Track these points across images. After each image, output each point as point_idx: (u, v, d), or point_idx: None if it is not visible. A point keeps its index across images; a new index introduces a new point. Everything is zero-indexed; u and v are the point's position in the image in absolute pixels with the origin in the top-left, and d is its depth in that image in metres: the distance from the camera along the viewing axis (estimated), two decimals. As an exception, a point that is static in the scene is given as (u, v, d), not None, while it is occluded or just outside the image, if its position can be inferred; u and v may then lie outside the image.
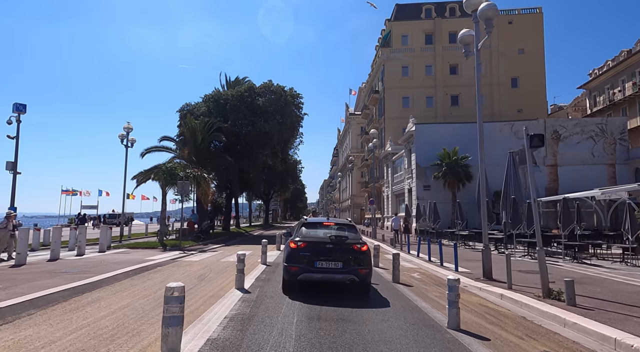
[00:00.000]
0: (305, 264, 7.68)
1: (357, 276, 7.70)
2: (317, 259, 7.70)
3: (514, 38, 43.86)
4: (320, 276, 7.68)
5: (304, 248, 7.85)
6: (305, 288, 8.06)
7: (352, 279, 7.68)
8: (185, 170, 18.55)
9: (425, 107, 44.00)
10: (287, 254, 8.01)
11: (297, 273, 7.68)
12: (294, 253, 7.86)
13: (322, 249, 7.84)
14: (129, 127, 26.97)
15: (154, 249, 16.41)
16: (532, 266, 12.74)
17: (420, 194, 30.65)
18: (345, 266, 7.72)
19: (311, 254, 7.76)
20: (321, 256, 7.74)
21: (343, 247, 7.93)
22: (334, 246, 7.89)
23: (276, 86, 30.97)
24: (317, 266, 7.67)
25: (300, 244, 7.91)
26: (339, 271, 7.70)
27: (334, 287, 8.42)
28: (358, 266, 7.79)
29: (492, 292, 8.52)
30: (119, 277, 8.97)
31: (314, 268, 7.66)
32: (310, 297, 7.48)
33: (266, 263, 12.32)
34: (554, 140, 29.81)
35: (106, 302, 6.58)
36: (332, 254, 7.78)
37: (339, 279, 7.73)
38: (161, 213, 18.20)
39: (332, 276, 7.70)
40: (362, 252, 8.00)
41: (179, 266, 11.53)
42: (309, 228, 8.65)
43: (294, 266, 7.74)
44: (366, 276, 7.90)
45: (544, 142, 8.13)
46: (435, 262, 13.92)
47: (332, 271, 7.70)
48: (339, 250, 7.86)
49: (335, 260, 7.74)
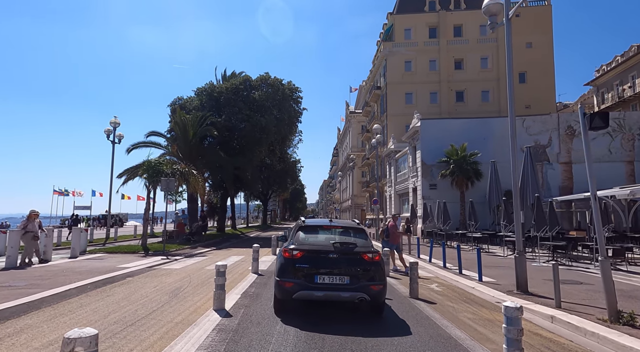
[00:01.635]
0: (302, 279, 5.98)
1: (369, 293, 5.98)
2: (318, 272, 6.02)
3: (521, 31, 42.01)
4: (322, 295, 5.93)
5: (300, 258, 6.09)
6: (303, 309, 6.39)
7: (362, 298, 5.97)
8: (172, 166, 16.79)
9: (429, 103, 42.25)
10: (280, 265, 6.24)
11: (292, 290, 5.93)
12: (289, 265, 6.09)
13: (324, 260, 6.12)
14: (115, 121, 25.25)
15: (134, 254, 14.65)
16: (565, 274, 11.01)
17: (425, 193, 28.93)
18: (353, 282, 6.00)
19: (310, 266, 6.05)
20: (323, 268, 6.05)
21: (350, 257, 6.20)
22: (339, 255, 6.15)
23: (273, 79, 29.19)
24: (318, 281, 5.98)
25: (296, 254, 6.13)
26: (345, 288, 5.98)
27: (339, 307, 6.68)
28: (369, 282, 6.06)
29: (537, 312, 6.77)
30: (71, 294, 7.21)
31: (313, 284, 5.96)
32: (308, 321, 5.84)
33: (258, 272, 10.56)
34: (568, 136, 28.09)
35: (25, 338, 4.81)
36: (336, 267, 6.08)
37: (346, 298, 5.99)
38: (144, 213, 16.43)
39: (337, 293, 5.95)
40: (375, 263, 6.25)
41: (154, 276, 9.76)
42: (308, 233, 6.75)
43: (288, 282, 5.99)
44: (380, 294, 6.17)
45: (608, 122, 6.39)
46: (452, 269, 12.18)
47: (336, 287, 5.97)
48: (345, 261, 6.14)
49: (341, 274, 6.03)
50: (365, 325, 5.70)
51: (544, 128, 28.25)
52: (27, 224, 11.56)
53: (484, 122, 29.91)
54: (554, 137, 28.11)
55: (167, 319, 5.77)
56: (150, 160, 16.59)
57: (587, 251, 16.60)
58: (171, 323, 5.55)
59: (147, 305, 6.56)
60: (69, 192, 65.83)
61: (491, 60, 42.88)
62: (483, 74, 42.61)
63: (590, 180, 6.67)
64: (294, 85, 30.09)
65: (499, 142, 28.23)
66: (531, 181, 18.33)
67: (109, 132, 25.29)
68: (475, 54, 42.99)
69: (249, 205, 52.03)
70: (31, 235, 11.36)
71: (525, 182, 18.45)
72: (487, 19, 9.72)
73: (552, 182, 27.62)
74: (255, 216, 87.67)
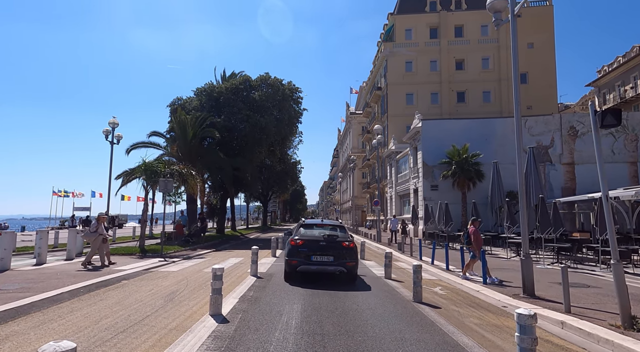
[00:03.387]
0: (303, 258, 9.11)
1: (345, 267, 9.16)
2: (313, 254, 9.14)
3: (523, 32, 41.78)
4: (315, 268, 9.10)
5: (302, 245, 9.24)
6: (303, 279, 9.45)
7: (341, 271, 9.16)
8: (170, 166, 16.54)
9: (430, 104, 42.03)
10: (289, 249, 9.47)
11: (296, 266, 9.10)
12: (294, 249, 9.28)
13: (317, 246, 9.21)
14: (114, 122, 25.04)
15: (131, 255, 14.39)
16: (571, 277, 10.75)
17: (427, 194, 28.66)
18: (335, 260, 9.14)
19: (308, 249, 9.17)
20: (316, 251, 9.15)
21: (334, 244, 9.30)
22: (327, 243, 9.28)
23: (273, 79, 28.93)
24: (313, 259, 9.13)
25: (299, 242, 9.31)
26: (330, 264, 9.13)
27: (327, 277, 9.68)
28: (346, 260, 9.18)
29: (546, 317, 6.52)
30: (63, 298, 6.95)
31: (310, 261, 9.10)
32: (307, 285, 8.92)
33: (257, 274, 10.30)
34: (571, 137, 27.84)
35: (9, 347, 4.56)
36: (325, 250, 9.18)
37: (331, 270, 9.17)
38: (142, 215, 16.17)
39: (325, 267, 9.13)
40: (350, 248, 9.37)
41: (150, 279, 9.49)
42: (307, 228, 10.01)
43: (294, 260, 9.18)
44: (353, 268, 9.37)
45: (621, 119, 6.16)
46: (455, 271, 11.93)
47: (325, 263, 9.12)
48: (330, 246, 9.24)
49: (328, 255, 9.15)
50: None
51: (546, 129, 28.00)
52: (98, 226, 11.91)
53: (485, 122, 29.67)
54: (557, 138, 27.86)
55: (160, 325, 5.51)
56: (148, 161, 16.32)
57: (591, 253, 16.37)
58: (165, 329, 5.29)
59: (140, 310, 6.31)
60: (69, 193, 65.73)
61: (492, 61, 42.67)
62: (484, 75, 42.40)
63: (602, 180, 6.44)
64: (294, 86, 29.84)
65: (500, 142, 28.00)
66: (534, 182, 18.08)
67: (108, 133, 25.06)
68: (476, 54, 42.77)
69: (249, 206, 51.74)
70: (101, 237, 11.72)
71: (528, 183, 18.19)
72: (488, 19, 9.55)
73: (554, 183, 27.37)
74: (256, 217, 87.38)
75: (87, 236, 12.08)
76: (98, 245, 11.69)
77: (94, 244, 11.71)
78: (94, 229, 11.91)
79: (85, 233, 12.36)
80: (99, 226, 11.99)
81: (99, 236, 11.73)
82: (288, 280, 9.27)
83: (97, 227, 11.92)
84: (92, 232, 11.84)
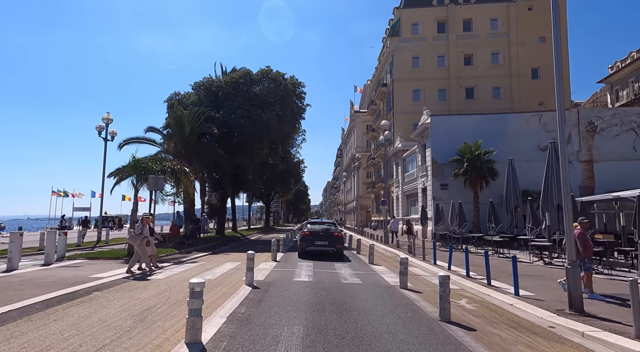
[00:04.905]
0: (309, 243, 15.23)
1: (335, 248, 15.37)
2: (316, 239, 15.28)
3: (534, 25, 40.37)
4: (317, 248, 15.25)
5: (309, 235, 15.45)
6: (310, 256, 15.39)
7: (333, 250, 15.35)
8: (162, 163, 15.25)
9: (437, 101, 40.52)
10: (300, 238, 15.90)
11: (305, 247, 15.27)
12: (304, 237, 15.52)
13: (318, 235, 15.43)
14: (108, 117, 23.82)
15: (117, 259, 13.08)
16: (610, 286, 9.36)
17: (436, 193, 27.24)
18: (329, 243, 15.27)
19: (312, 237, 15.34)
20: (317, 238, 15.30)
21: (328, 234, 15.58)
22: (324, 233, 15.58)
23: (275, 73, 27.56)
24: (316, 243, 15.19)
25: (307, 232, 15.64)
26: (326, 246, 15.25)
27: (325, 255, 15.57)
28: (336, 243, 15.38)
29: (614, 345, 5.13)
30: (8, 317, 5.60)
31: (314, 244, 15.20)
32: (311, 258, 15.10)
33: (253, 284, 8.95)
34: (589, 133, 26.33)
35: None
36: (323, 237, 15.37)
37: (327, 250, 15.38)
38: (131, 215, 14.88)
39: (323, 248, 15.28)
40: (339, 237, 15.67)
41: (127, 290, 8.14)
42: (312, 224, 16.93)
43: (304, 244, 15.32)
44: (341, 249, 15.61)
45: None
46: (477, 279, 10.53)
47: (323, 246, 15.24)
48: (326, 235, 15.47)
49: (324, 240, 15.29)
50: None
51: (563, 124, 26.49)
52: (143, 228, 10.93)
53: (498, 118, 28.24)
54: (574, 134, 26.35)
55: (117, 359, 4.18)
56: (138, 157, 15.05)
57: (622, 256, 14.94)
58: (121, 368, 3.95)
59: (99, 336, 4.97)
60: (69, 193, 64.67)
61: (502, 56, 41.15)
62: (494, 70, 40.89)
63: None
64: (296, 80, 28.42)
65: (514, 139, 26.56)
66: (556, 180, 16.71)
67: (101, 129, 23.82)
68: (485, 49, 41.26)
69: (250, 206, 50.43)
70: (146, 240, 10.84)
71: (549, 181, 16.84)
72: (498, 13, 8.51)
73: (572, 182, 25.76)
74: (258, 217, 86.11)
75: (133, 239, 10.84)
76: (144, 248, 10.74)
77: (141, 248, 10.67)
78: (139, 230, 10.83)
79: (130, 236, 11.13)
80: (144, 227, 10.94)
81: (143, 238, 10.72)
82: (300, 257, 14.98)
83: (142, 228, 10.86)
84: (137, 235, 10.72)
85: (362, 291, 8.59)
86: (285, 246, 18.89)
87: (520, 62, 40.62)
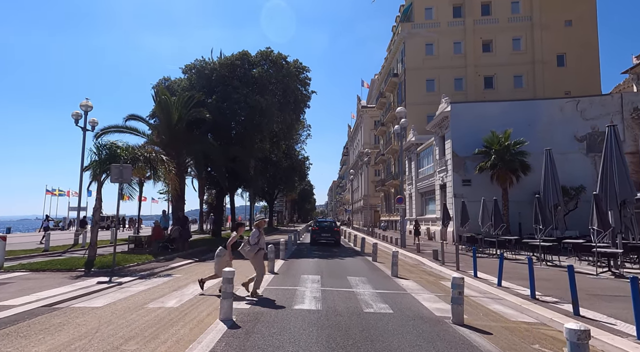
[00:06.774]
0: (317, 235, 23.59)
1: (335, 239, 23.51)
2: (322, 232, 23.66)
3: (559, 8, 37.06)
4: (323, 239, 23.37)
5: (317, 229, 24.06)
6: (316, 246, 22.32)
7: (333, 240, 23.36)
8: (133, 151, 12.31)
9: (453, 91, 37.21)
10: (312, 231, 24.69)
11: (315, 238, 23.49)
12: (315, 231, 24.11)
13: (323, 229, 23.90)
14: (87, 104, 21.05)
15: (69, 271, 10.16)
16: None
17: (457, 190, 24.08)
18: (331, 235, 23.50)
19: (320, 231, 23.80)
20: (323, 232, 23.69)
21: (330, 228, 24.06)
22: (327, 228, 24.06)
23: (277, 55, 24.50)
24: (322, 235, 23.53)
25: (316, 228, 24.38)
26: (328, 238, 23.41)
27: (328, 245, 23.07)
28: (335, 235, 23.65)
29: None
30: None
31: (321, 236, 23.49)
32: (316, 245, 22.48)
33: (231, 318, 5.88)
34: (635, 121, 23.08)
35: None
36: (326, 231, 23.72)
37: (329, 241, 23.32)
38: (93, 215, 11.90)
39: (327, 239, 23.37)
40: (337, 230, 24.14)
41: (23, 334, 5.11)
42: (319, 222, 26.24)
43: (314, 235, 23.73)
44: (339, 239, 24.00)
45: None
46: (549, 303, 7.39)
47: (326, 237, 23.43)
48: (328, 230, 23.87)
49: (327, 233, 23.61)
50: None
51: (603, 111, 23.26)
52: (260, 236, 8.11)
53: (527, 105, 25.05)
54: (617, 122, 23.01)
55: None
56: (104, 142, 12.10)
57: None
58: None
59: None
60: (64, 192, 62.16)
61: (525, 41, 37.83)
62: (515, 57, 37.58)
63: None
64: (300, 64, 25.37)
65: (546, 129, 23.39)
66: (617, 172, 13.64)
67: (78, 117, 21.00)
68: (506, 34, 37.98)
69: (252, 206, 47.48)
70: (262, 252, 8.11)
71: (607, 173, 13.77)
72: None
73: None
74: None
75: (248, 252, 7.98)
76: (262, 263, 7.91)
77: (258, 263, 7.85)
78: (254, 239, 7.97)
79: (243, 249, 8.11)
80: (261, 235, 8.13)
81: (259, 249, 7.97)
82: (311, 245, 23.12)
83: (259, 237, 8.05)
84: (253, 246, 7.92)
85: (398, 332, 5.54)
86: (287, 252, 15.88)
87: (544, 48, 37.27)
